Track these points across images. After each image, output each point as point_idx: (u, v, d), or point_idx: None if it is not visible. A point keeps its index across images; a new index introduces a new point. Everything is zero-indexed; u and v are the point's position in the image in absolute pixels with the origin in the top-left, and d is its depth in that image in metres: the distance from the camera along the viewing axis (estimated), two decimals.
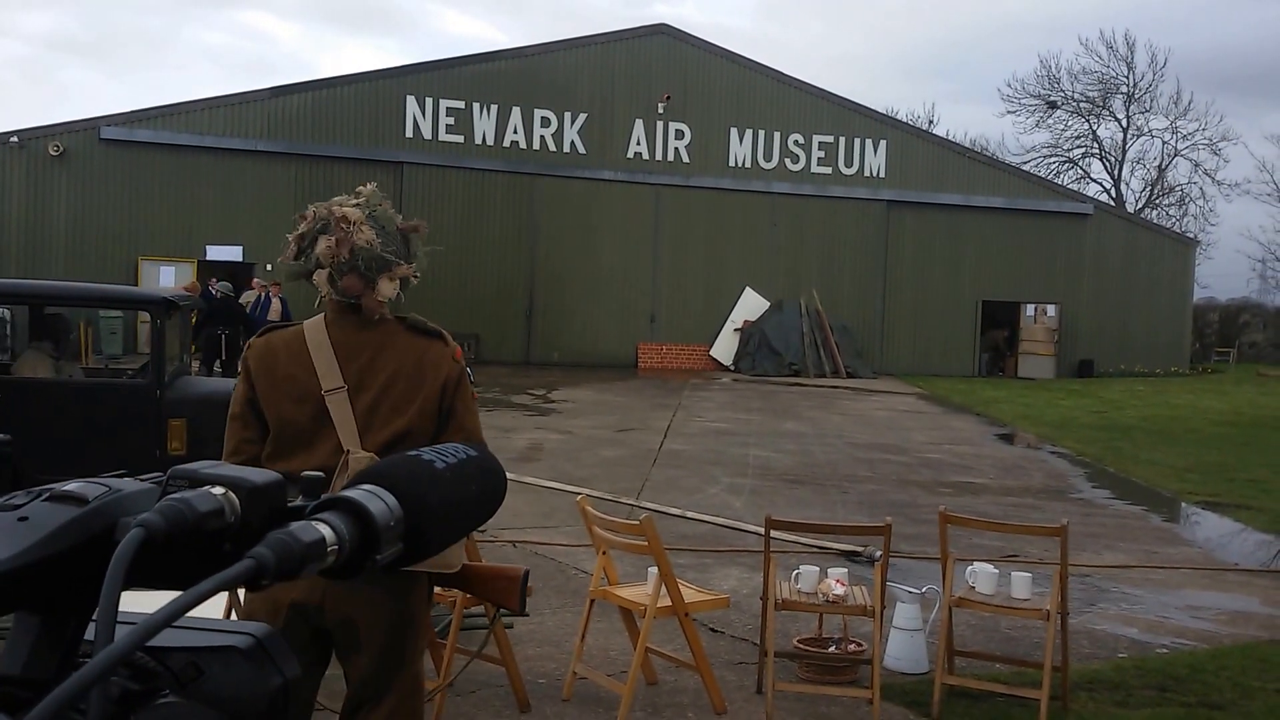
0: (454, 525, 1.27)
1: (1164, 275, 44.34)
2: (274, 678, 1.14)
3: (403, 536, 1.18)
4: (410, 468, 1.24)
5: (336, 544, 1.10)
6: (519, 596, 4.08)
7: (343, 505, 1.14)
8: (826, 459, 18.10)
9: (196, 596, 0.97)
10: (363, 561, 1.13)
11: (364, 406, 4.10)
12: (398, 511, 1.17)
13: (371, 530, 1.13)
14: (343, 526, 1.11)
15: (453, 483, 1.26)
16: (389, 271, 4.20)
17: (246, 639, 1.15)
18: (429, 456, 1.27)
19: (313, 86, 37.01)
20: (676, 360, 39.24)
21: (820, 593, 7.04)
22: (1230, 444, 22.48)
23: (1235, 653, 8.42)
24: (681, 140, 39.50)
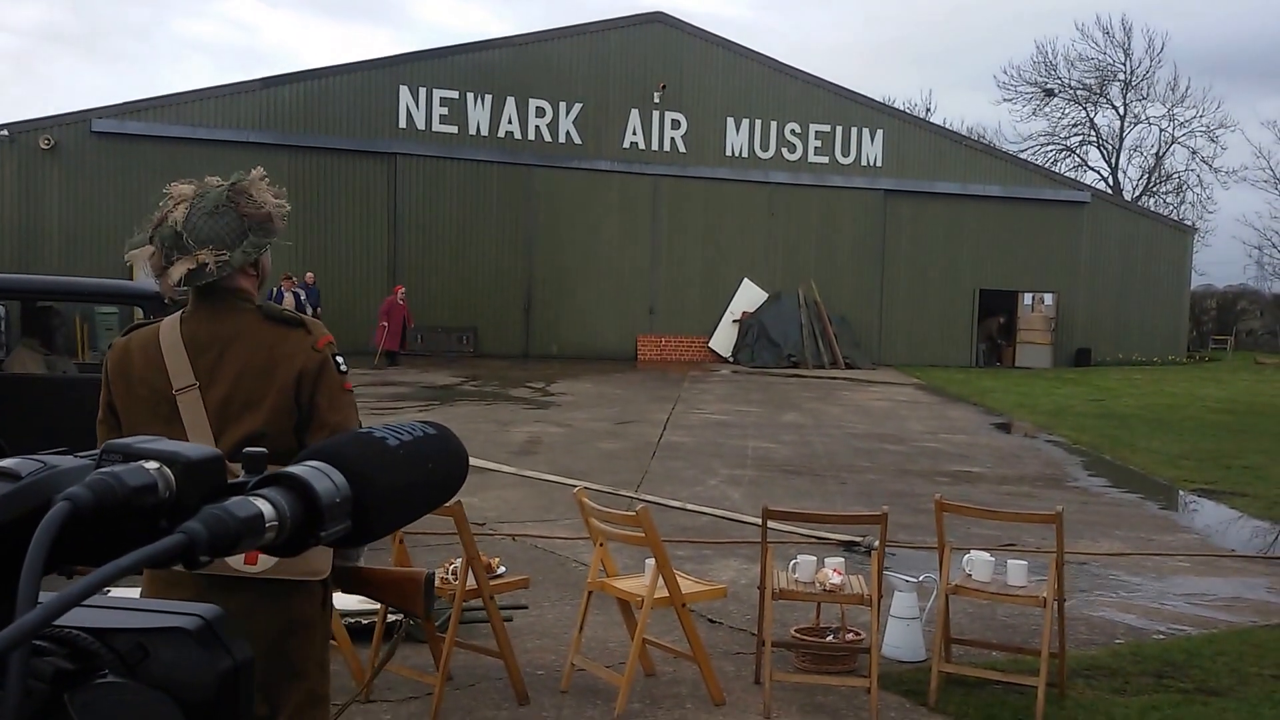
0: (406, 505, 1.24)
1: (1161, 263, 44.32)
2: (223, 660, 1.11)
3: (350, 514, 1.15)
4: (361, 445, 1.21)
5: (276, 520, 1.07)
6: (422, 601, 3.90)
7: (285, 481, 1.11)
8: (825, 450, 18.11)
9: (118, 569, 0.95)
10: (306, 539, 1.11)
11: (215, 405, 3.87)
12: (345, 489, 1.14)
13: (315, 508, 1.11)
14: (284, 503, 1.09)
15: (406, 461, 1.23)
16: (187, 254, 3.83)
17: (195, 620, 1.12)
18: (381, 434, 1.24)
19: (305, 77, 36.96)
20: (675, 352, 39.23)
21: (817, 582, 7.04)
22: (1227, 431, 22.49)
23: (1232, 639, 8.43)
24: (678, 130, 39.46)
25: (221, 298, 3.91)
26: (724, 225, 39.82)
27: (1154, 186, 70.50)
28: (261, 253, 3.96)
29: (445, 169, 37.59)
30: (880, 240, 41.08)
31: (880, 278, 41.18)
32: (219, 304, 3.92)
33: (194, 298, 3.95)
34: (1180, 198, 70.36)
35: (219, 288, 3.90)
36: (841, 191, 40.67)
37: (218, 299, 3.92)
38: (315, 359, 3.90)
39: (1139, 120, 70.61)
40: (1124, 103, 69.40)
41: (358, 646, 6.97)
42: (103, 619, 1.08)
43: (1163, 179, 70.72)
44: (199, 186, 3.98)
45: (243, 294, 3.95)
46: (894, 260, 41.30)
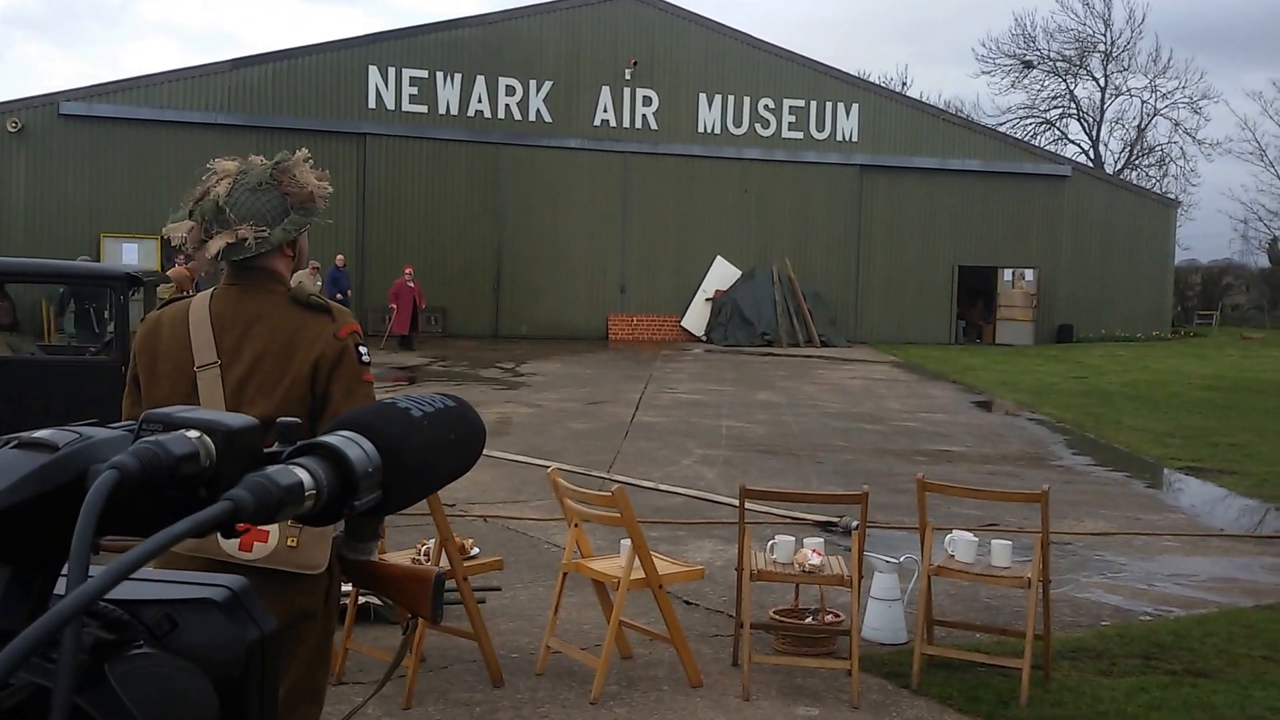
0: (431, 475, 1.25)
1: (1144, 237, 44.33)
2: (250, 631, 1.12)
3: (380, 485, 1.16)
4: (387, 415, 1.21)
5: (314, 489, 1.08)
6: (430, 603, 3.73)
7: (321, 451, 1.12)
8: (801, 429, 17.99)
9: (172, 537, 0.95)
10: (341, 508, 1.12)
11: (233, 385, 3.86)
12: (375, 459, 1.14)
13: (350, 476, 1.11)
14: (321, 472, 1.09)
15: (430, 433, 1.24)
16: (228, 229, 3.84)
17: (222, 591, 1.13)
18: (405, 404, 1.25)
19: (274, 58, 36.69)
20: (647, 331, 39.11)
21: (796, 563, 6.94)
22: (1213, 408, 22.44)
23: (1221, 619, 8.34)
24: (649, 107, 39.26)
25: (254, 277, 3.94)
26: (697, 203, 39.66)
27: (1136, 159, 70.59)
28: (301, 232, 3.99)
29: (414, 149, 37.35)
30: (856, 216, 40.96)
31: (856, 254, 41.08)
32: (250, 283, 3.93)
33: (228, 275, 3.96)
34: (1163, 171, 70.52)
35: (253, 267, 3.93)
36: (816, 167, 40.54)
37: (250, 278, 3.93)
38: (335, 347, 3.89)
39: (1120, 92, 70.64)
40: (1104, 74, 69.43)
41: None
42: (131, 591, 1.09)
43: (1145, 152, 70.81)
44: (242, 164, 3.99)
45: (276, 275, 3.97)
46: (870, 237, 41.19)
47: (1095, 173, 50.98)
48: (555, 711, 6.28)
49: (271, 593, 3.68)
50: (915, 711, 6.45)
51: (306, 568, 3.82)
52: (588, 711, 6.29)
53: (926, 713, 6.45)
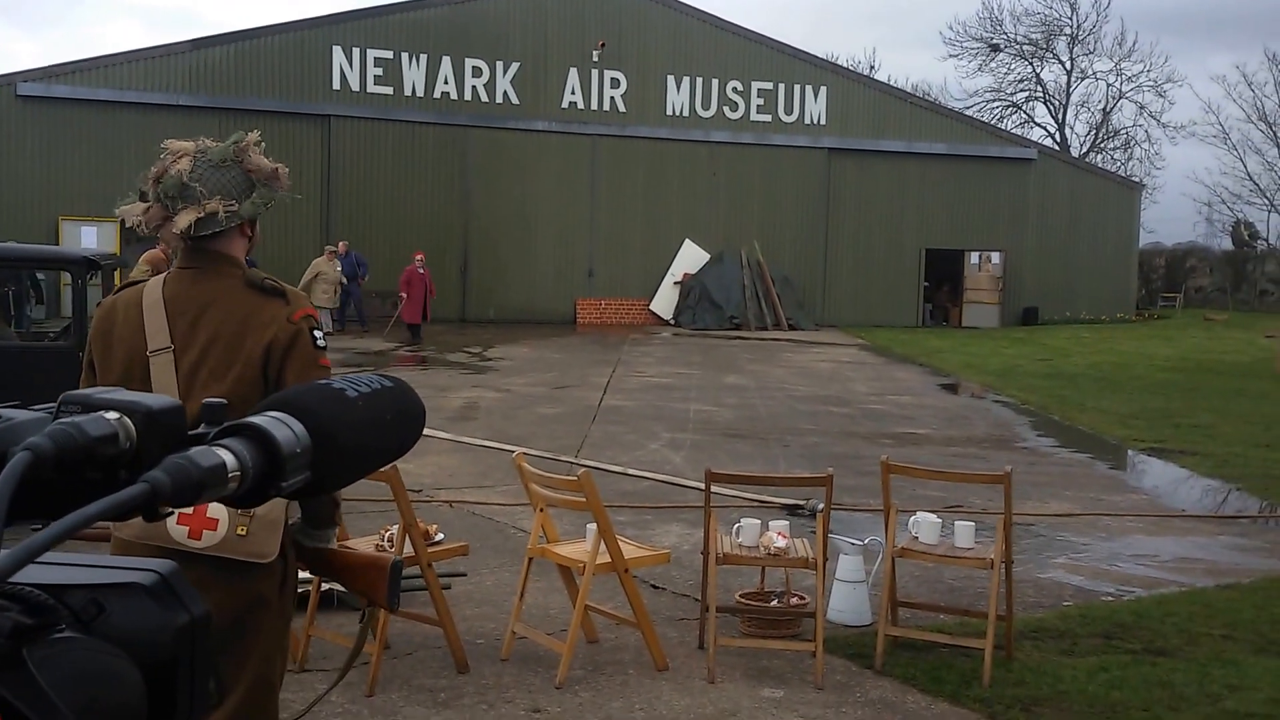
0: (365, 457, 1.25)
1: (1109, 220, 44.47)
2: (180, 615, 1.08)
3: (310, 466, 1.15)
4: (320, 395, 1.21)
5: (238, 470, 1.07)
6: (387, 590, 3.73)
7: (247, 431, 1.11)
8: (768, 412, 18.03)
9: (83, 518, 0.95)
10: (267, 489, 1.12)
11: (186, 370, 3.82)
12: (305, 440, 1.14)
13: (277, 458, 1.11)
14: (245, 453, 1.09)
15: (365, 412, 1.23)
16: (195, 204, 3.80)
17: (151, 575, 1.09)
18: (340, 384, 1.25)
19: (235, 38, 36.20)
20: (616, 315, 39.05)
21: (762, 546, 6.96)
22: (1176, 390, 22.58)
23: (1181, 599, 8.41)
24: (617, 89, 39.14)
25: (209, 261, 3.90)
26: (665, 186, 39.58)
27: (1101, 143, 70.81)
28: (268, 206, 3.98)
29: (380, 131, 37.04)
30: (824, 200, 40.97)
31: (824, 238, 41.09)
32: (205, 267, 3.89)
33: (182, 259, 3.93)
34: (1128, 154, 70.73)
35: (209, 250, 3.89)
36: (784, 150, 40.51)
37: (206, 261, 3.89)
38: (288, 330, 3.84)
39: (1086, 75, 70.83)
40: (1070, 58, 69.53)
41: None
42: (57, 575, 1.07)
43: (1110, 135, 71.04)
44: (199, 143, 3.97)
45: (232, 259, 3.93)
46: (838, 220, 41.19)
47: (1061, 156, 51.12)
48: (520, 697, 6.28)
49: (222, 581, 3.67)
50: (879, 692, 6.49)
51: (257, 556, 3.78)
52: (553, 696, 6.30)
53: (890, 693, 6.49)
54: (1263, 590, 8.67)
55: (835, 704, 6.31)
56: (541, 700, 6.24)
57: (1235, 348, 34.02)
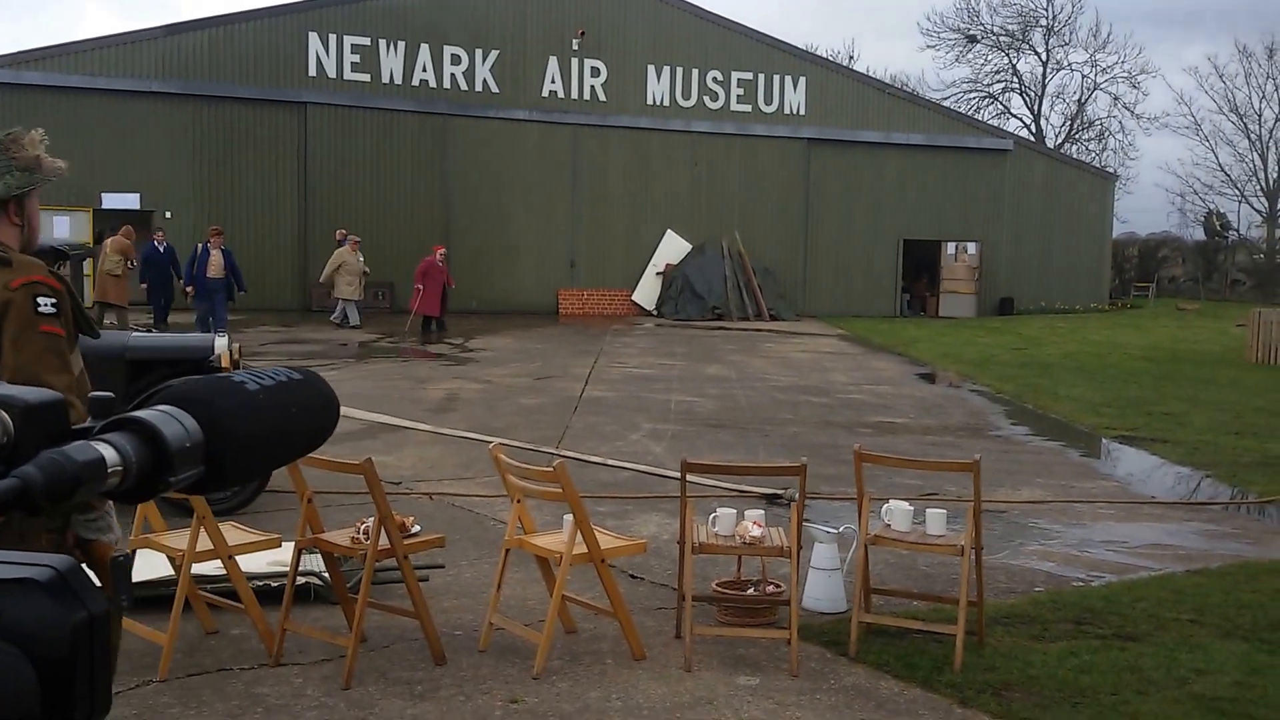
0: (267, 452, 1.22)
1: (1084, 211, 44.68)
2: (77, 611, 1.05)
3: (204, 460, 1.14)
4: (217, 389, 1.19)
5: (120, 465, 1.06)
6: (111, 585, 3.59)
7: (131, 426, 1.10)
8: (749, 402, 18.08)
9: None
10: (155, 484, 1.10)
11: None
12: (196, 435, 1.13)
13: (164, 453, 1.09)
14: (129, 448, 1.07)
15: (267, 407, 1.21)
16: None
17: (46, 571, 1.06)
18: (241, 378, 1.22)
19: (210, 24, 35.96)
20: (598, 306, 39.07)
21: (738, 535, 7.01)
22: (1148, 378, 22.71)
23: (1151, 585, 8.49)
24: (597, 78, 39.11)
25: None
26: (646, 176, 39.61)
27: (1076, 133, 71.12)
28: (24, 191, 4.16)
29: (357, 119, 36.89)
30: (804, 190, 41.05)
31: (805, 228, 41.18)
32: None
33: None
34: (1102, 144, 71.05)
35: None
36: (764, 140, 40.57)
37: None
38: (4, 296, 3.92)
39: (1061, 66, 71.20)
40: (1046, 49, 69.87)
41: (267, 609, 6.84)
42: None
43: (1085, 126, 71.37)
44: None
45: None
46: (818, 210, 41.29)
47: (1036, 147, 51.31)
48: (498, 688, 6.31)
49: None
50: (853, 679, 6.56)
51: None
52: (530, 686, 6.32)
53: (863, 679, 6.55)
54: (1230, 575, 8.76)
55: (810, 691, 6.36)
56: (519, 691, 6.27)
57: (1207, 337, 34.23)
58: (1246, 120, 66.76)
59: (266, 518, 9.33)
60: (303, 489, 6.73)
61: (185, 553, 6.57)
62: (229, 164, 35.48)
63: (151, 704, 6.00)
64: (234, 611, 6.90)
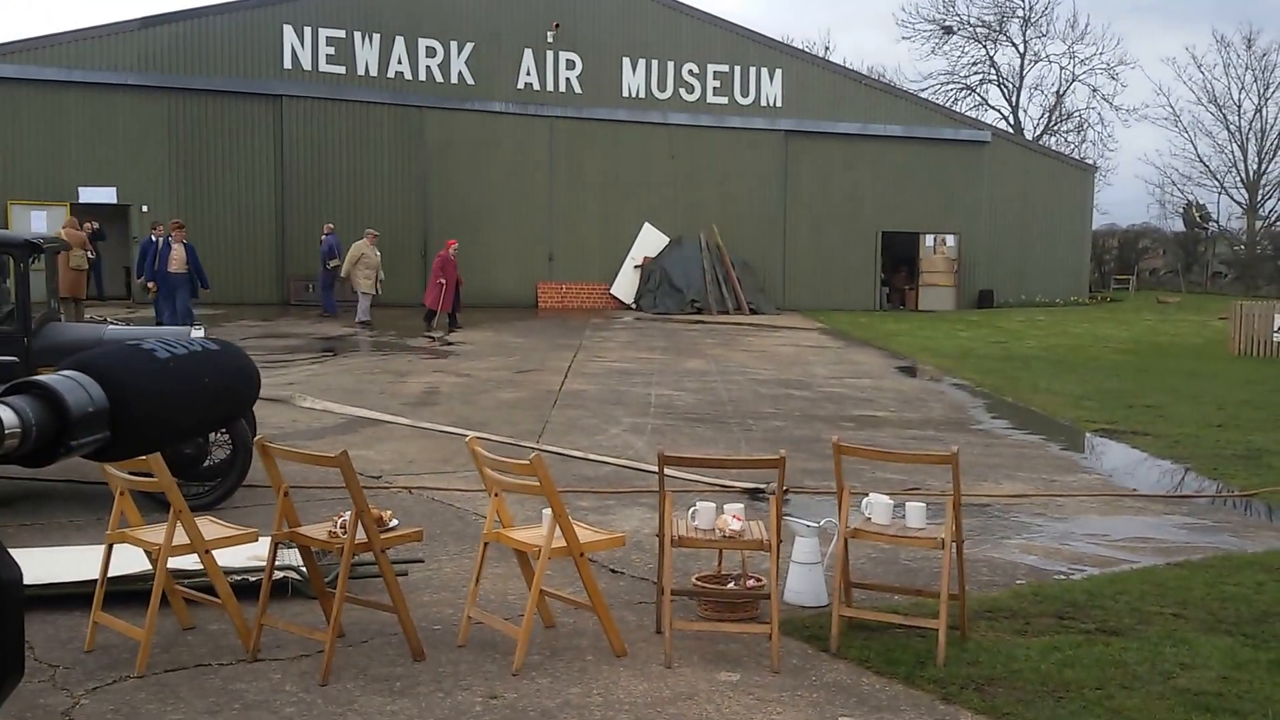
0: (176, 420, 1.21)
1: (1063, 203, 44.73)
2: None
3: (109, 426, 1.12)
4: (123, 356, 1.18)
5: (19, 428, 1.04)
6: None
7: (33, 389, 1.09)
8: (729, 396, 18.05)
9: None
10: (56, 448, 1.08)
11: None
12: (101, 400, 1.11)
13: (65, 417, 1.08)
14: (29, 411, 1.06)
15: (176, 375, 1.20)
16: None
17: None
18: (151, 345, 1.21)
19: (185, 16, 35.76)
20: (576, 299, 39.02)
21: (717, 529, 6.97)
22: (1129, 371, 22.76)
23: (1133, 578, 8.47)
24: (573, 70, 39.01)
25: None
26: (623, 168, 39.53)
27: (1055, 125, 71.29)
28: None
29: (333, 111, 36.75)
30: (782, 182, 41.03)
31: (783, 220, 41.15)
32: None
33: None
34: (1081, 136, 71.42)
35: None
36: (741, 133, 40.54)
37: None
38: None
39: (1039, 58, 71.45)
40: (1024, 40, 69.99)
41: (244, 604, 6.79)
42: None
43: (1063, 117, 71.56)
44: None
45: None
46: (796, 202, 41.26)
47: (1015, 138, 51.34)
48: (477, 683, 6.26)
49: None
50: (834, 675, 6.51)
51: None
52: (510, 682, 6.28)
53: (845, 675, 6.51)
54: (1213, 568, 8.74)
55: (791, 687, 6.32)
56: (498, 687, 6.22)
57: (1188, 329, 34.34)
58: (1225, 111, 66.99)
59: (243, 512, 9.26)
60: (279, 483, 6.68)
61: (162, 547, 6.52)
62: (205, 157, 35.33)
63: (129, 700, 5.95)
64: (211, 607, 6.87)
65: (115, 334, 10.92)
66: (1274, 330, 26.58)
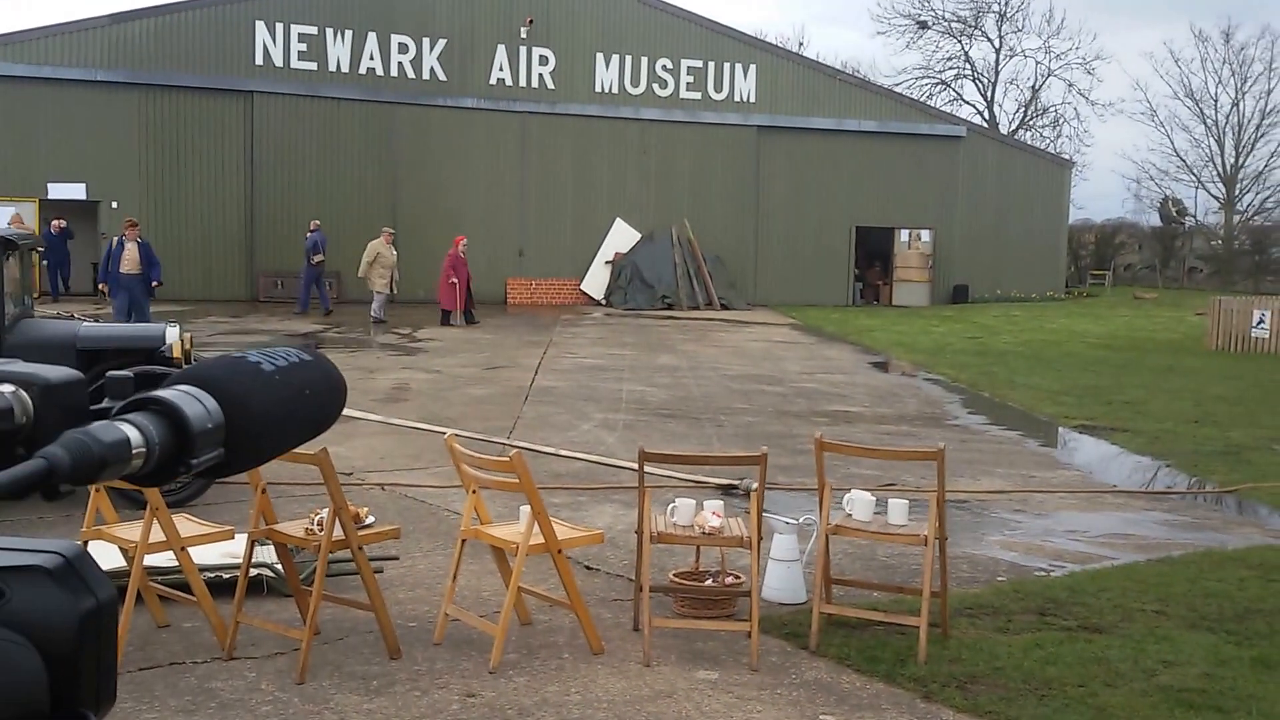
0: (282, 433, 1.20)
1: (1039, 198, 44.79)
2: (86, 599, 1.04)
3: (223, 443, 1.11)
4: (234, 369, 1.17)
5: (144, 446, 1.03)
6: None
7: (153, 406, 1.07)
8: (701, 392, 17.99)
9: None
10: (176, 466, 1.08)
11: None
12: (218, 416, 1.10)
13: (186, 434, 1.07)
14: (152, 429, 1.04)
15: (282, 387, 1.19)
16: None
17: (54, 558, 1.05)
18: (255, 358, 1.20)
19: (155, 12, 35.47)
20: (547, 295, 38.89)
21: (696, 525, 6.92)
22: (1106, 367, 22.80)
23: (1115, 575, 8.45)
24: (546, 66, 38.88)
25: None
26: (595, 164, 39.41)
27: (1030, 120, 71.45)
28: None
29: (305, 108, 36.50)
30: (755, 178, 40.96)
31: (755, 216, 41.09)
32: None
33: None
34: (1057, 131, 71.52)
35: None
36: (714, 128, 40.45)
37: None
38: None
39: (1014, 53, 71.54)
40: (999, 35, 70.12)
41: (219, 602, 6.71)
42: None
43: (1039, 112, 71.75)
44: None
45: None
46: (769, 198, 41.20)
47: (990, 134, 51.42)
48: (454, 681, 6.20)
49: None
50: (814, 673, 6.46)
51: None
52: (487, 680, 6.22)
53: (825, 673, 6.46)
54: (1194, 565, 8.73)
55: (771, 685, 6.27)
56: (475, 685, 6.16)
57: (1165, 325, 34.47)
58: (1203, 106, 67.38)
59: (219, 509, 9.15)
60: (256, 480, 6.61)
61: (138, 544, 6.47)
62: (175, 153, 35.12)
63: None
64: (186, 604, 6.80)
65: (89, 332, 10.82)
66: (1253, 325, 26.68)
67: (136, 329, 11.84)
